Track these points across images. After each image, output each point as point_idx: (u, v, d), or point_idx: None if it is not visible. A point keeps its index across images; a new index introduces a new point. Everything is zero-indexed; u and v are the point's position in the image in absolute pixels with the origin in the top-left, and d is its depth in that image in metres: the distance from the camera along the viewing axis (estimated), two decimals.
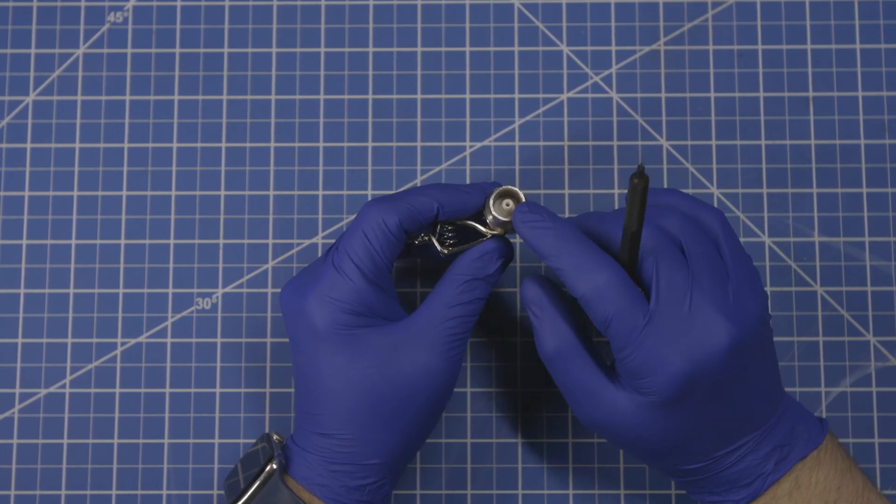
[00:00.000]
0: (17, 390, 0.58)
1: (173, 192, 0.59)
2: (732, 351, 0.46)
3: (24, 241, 0.59)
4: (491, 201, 0.50)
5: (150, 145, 0.60)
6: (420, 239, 0.51)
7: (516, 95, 0.60)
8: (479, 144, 0.60)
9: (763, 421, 0.48)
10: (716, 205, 0.59)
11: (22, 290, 0.59)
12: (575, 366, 0.48)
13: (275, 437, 0.51)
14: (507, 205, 0.50)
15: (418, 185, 0.59)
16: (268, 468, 0.49)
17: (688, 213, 0.49)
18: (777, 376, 0.49)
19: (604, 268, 0.47)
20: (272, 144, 0.60)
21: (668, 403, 0.46)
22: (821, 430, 0.49)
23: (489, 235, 0.51)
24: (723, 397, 0.47)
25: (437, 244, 0.51)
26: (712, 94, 0.60)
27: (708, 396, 0.46)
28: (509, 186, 0.50)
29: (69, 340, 0.58)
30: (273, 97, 0.60)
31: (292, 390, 0.58)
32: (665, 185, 0.59)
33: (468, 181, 0.59)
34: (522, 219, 0.49)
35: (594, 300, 0.46)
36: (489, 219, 0.51)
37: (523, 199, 0.50)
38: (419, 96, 0.60)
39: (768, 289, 0.58)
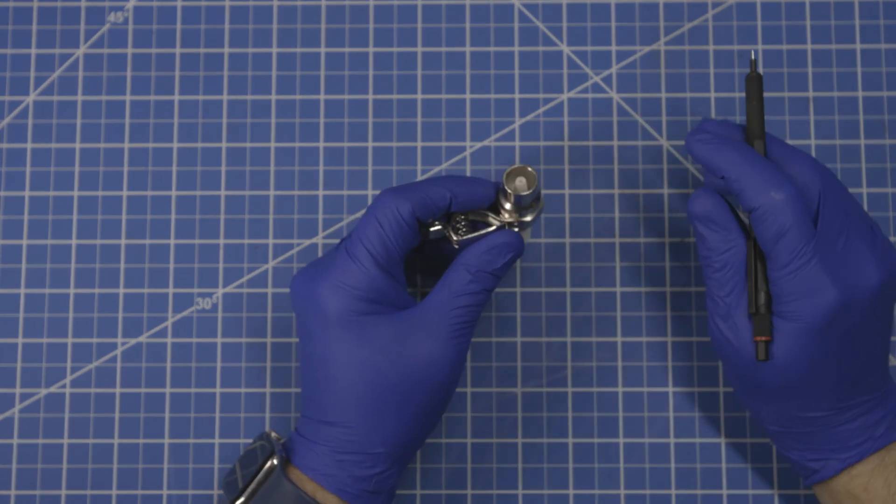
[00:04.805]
0: (18, 390, 0.58)
1: (173, 192, 0.59)
2: (880, 293, 0.48)
3: (25, 241, 0.59)
4: (504, 182, 0.51)
5: (151, 145, 0.60)
6: (433, 227, 0.51)
7: (516, 95, 0.60)
8: (479, 144, 0.60)
9: (879, 385, 0.50)
10: None
11: (22, 290, 0.59)
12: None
13: (273, 435, 0.51)
14: (521, 182, 0.51)
15: None
16: (268, 464, 0.49)
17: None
18: (889, 348, 0.51)
19: (784, 182, 0.48)
20: (272, 144, 0.60)
21: (814, 331, 0.47)
22: None
23: (500, 223, 0.51)
24: (858, 341, 0.48)
25: (449, 234, 0.51)
26: (712, 94, 0.60)
27: (848, 334, 0.48)
28: (520, 165, 0.51)
29: (69, 340, 0.58)
30: (273, 97, 0.60)
31: (292, 390, 0.58)
32: (665, 185, 0.59)
33: None
34: (697, 138, 0.51)
35: (773, 211, 0.48)
36: (508, 205, 0.51)
37: (534, 175, 0.50)
38: (419, 96, 0.60)
39: None
